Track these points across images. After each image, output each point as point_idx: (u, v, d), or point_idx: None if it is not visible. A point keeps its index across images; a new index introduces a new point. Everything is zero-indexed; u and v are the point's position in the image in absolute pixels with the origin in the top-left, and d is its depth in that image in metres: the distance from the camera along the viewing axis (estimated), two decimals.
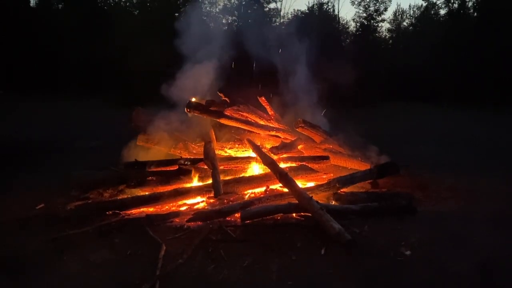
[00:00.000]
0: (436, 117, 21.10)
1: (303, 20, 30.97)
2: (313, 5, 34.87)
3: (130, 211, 5.44)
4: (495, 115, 20.69)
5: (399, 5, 58.79)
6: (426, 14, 38.91)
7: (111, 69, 24.04)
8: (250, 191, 6.24)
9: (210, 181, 5.95)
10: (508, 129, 15.93)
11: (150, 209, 5.58)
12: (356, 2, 36.26)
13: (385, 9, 36.39)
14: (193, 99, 7.52)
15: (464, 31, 30.41)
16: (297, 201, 5.12)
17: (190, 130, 7.68)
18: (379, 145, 8.42)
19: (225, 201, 5.59)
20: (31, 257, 3.97)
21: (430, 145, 11.58)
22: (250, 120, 7.88)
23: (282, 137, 8.05)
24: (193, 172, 6.32)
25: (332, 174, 6.97)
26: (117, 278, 3.62)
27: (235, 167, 6.88)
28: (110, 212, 5.25)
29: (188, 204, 5.78)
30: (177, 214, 5.18)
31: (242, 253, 4.04)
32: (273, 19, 34.77)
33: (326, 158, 7.29)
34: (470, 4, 34.31)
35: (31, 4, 30.91)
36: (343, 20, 38.55)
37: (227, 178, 6.38)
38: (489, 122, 18.71)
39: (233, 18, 32.42)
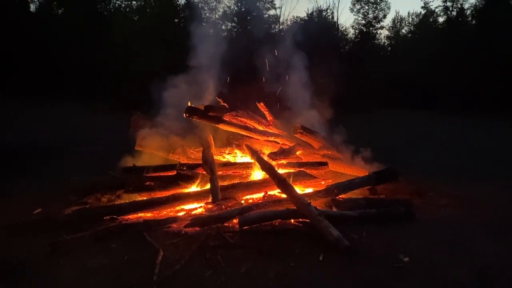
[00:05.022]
0: (434, 124, 21.14)
1: (302, 26, 31.09)
2: (313, 12, 35.09)
3: (128, 216, 5.42)
4: (493, 123, 20.74)
5: (398, 12, 59.19)
6: (425, 22, 39.18)
7: (111, 74, 24.07)
8: (248, 196, 6.23)
9: (208, 186, 5.94)
10: (507, 136, 15.97)
11: (148, 215, 5.56)
12: (355, 9, 36.52)
13: (384, 17, 36.56)
14: (192, 104, 7.51)
15: (463, 39, 30.58)
16: (295, 207, 5.11)
17: (189, 135, 7.68)
18: (377, 151, 8.44)
19: (223, 206, 5.58)
20: (28, 262, 3.95)
21: (429, 152, 11.58)
22: (248, 125, 7.88)
23: (281, 143, 8.05)
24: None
25: (330, 180, 6.96)
26: (114, 283, 3.59)
27: (233, 172, 6.87)
28: (108, 217, 5.23)
29: (186, 210, 5.76)
30: (174, 219, 5.16)
31: (240, 259, 4.02)
32: (273, 25, 34.92)
33: (324, 164, 7.28)
34: (468, 12, 34.57)
35: (31, 9, 31.02)
36: (342, 27, 38.63)
37: (225, 183, 6.37)
38: (487, 129, 18.76)
39: (233, 24, 32.57)
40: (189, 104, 7.32)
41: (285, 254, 4.14)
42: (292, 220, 5.11)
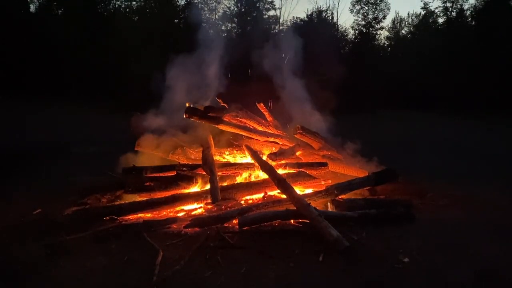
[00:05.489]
0: (434, 124, 21.15)
1: (302, 27, 31.13)
2: (312, 12, 35.11)
3: (128, 217, 5.42)
4: (493, 123, 20.74)
5: (398, 13, 59.20)
6: (425, 23, 39.20)
7: (110, 75, 24.07)
8: (248, 197, 6.23)
9: (208, 187, 5.94)
10: (507, 137, 15.98)
11: (148, 215, 5.56)
12: (355, 10, 36.65)
13: (384, 17, 36.72)
14: (192, 105, 7.51)
15: (462, 39, 30.60)
16: (295, 208, 5.11)
17: (189, 135, 7.68)
18: (376, 152, 8.44)
19: (223, 207, 5.58)
20: (27, 263, 3.94)
21: (428, 152, 11.59)
22: (248, 126, 7.88)
23: (281, 143, 8.05)
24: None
25: (330, 181, 6.96)
26: (114, 284, 3.59)
27: (233, 173, 6.87)
28: (108, 217, 5.23)
29: (185, 210, 5.76)
30: (174, 220, 5.16)
31: (240, 260, 4.03)
32: (272, 26, 34.96)
33: (324, 164, 7.28)
34: (468, 13, 34.62)
35: (31, 10, 31.01)
36: (342, 28, 38.65)
37: (225, 184, 6.38)
38: (487, 130, 18.75)
39: (233, 25, 32.61)
40: (187, 104, 7.33)
41: (285, 255, 4.14)
42: (292, 221, 5.11)
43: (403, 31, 42.80)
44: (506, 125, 19.69)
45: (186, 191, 6.19)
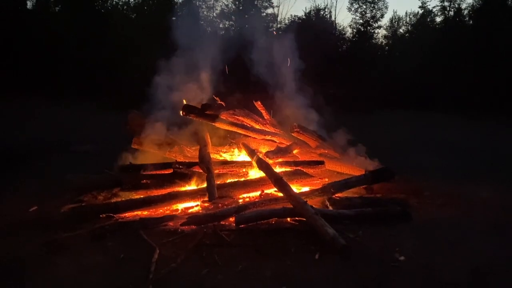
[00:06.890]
0: (432, 124, 21.17)
1: (300, 25, 31.09)
2: (310, 11, 35.03)
3: (124, 215, 5.41)
4: (491, 123, 20.78)
5: (396, 12, 59.04)
6: (422, 21, 39.17)
7: (107, 73, 23.98)
8: (245, 195, 6.23)
9: (205, 185, 5.94)
10: (504, 137, 16.02)
11: (144, 213, 5.56)
12: (352, 9, 36.51)
13: (382, 16, 36.50)
14: (189, 103, 7.49)
15: (460, 39, 30.64)
16: (291, 206, 5.12)
17: (186, 133, 7.67)
18: (374, 151, 8.45)
19: (220, 205, 5.58)
20: (23, 261, 3.93)
21: (426, 151, 11.60)
22: (245, 124, 7.88)
23: (278, 141, 8.05)
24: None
25: (327, 179, 6.97)
26: (110, 282, 3.59)
27: (230, 171, 6.87)
28: (104, 215, 5.22)
29: (182, 208, 5.76)
30: (171, 217, 5.16)
31: (236, 258, 4.03)
32: (270, 24, 34.88)
33: (321, 163, 7.29)
34: (465, 12, 34.64)
35: (28, 6, 30.83)
36: (340, 26, 38.57)
37: (222, 182, 6.37)
38: (485, 130, 18.79)
39: (230, 22, 32.55)
40: (184, 102, 7.31)
41: (282, 253, 4.15)
42: (289, 219, 5.11)
43: (400, 30, 42.76)
44: (505, 125, 19.72)
45: (183, 189, 6.19)
